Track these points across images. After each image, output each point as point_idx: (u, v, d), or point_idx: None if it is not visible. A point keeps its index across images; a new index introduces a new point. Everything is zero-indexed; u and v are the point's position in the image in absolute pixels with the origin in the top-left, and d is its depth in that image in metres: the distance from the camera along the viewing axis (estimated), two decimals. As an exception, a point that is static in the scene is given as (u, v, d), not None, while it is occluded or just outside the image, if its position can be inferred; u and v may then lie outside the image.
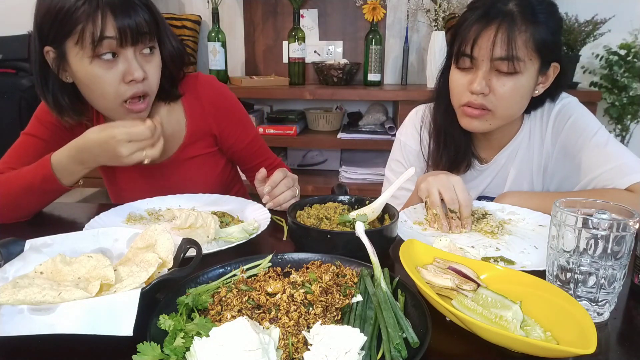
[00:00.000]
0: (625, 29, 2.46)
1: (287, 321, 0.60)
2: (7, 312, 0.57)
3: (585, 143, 1.13)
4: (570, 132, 1.16)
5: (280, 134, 2.65)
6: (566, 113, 1.18)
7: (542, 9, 1.05)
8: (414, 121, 1.33)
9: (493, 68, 1.06)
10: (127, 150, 0.99)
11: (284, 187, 1.08)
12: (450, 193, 0.99)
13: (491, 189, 1.28)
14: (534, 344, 0.57)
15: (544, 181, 1.23)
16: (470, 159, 1.25)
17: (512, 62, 1.03)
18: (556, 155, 1.20)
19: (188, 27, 2.80)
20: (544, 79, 1.12)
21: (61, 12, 0.96)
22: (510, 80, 1.06)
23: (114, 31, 0.97)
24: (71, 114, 1.11)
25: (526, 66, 1.05)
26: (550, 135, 1.20)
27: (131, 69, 1.02)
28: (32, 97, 2.75)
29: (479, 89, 1.07)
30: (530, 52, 1.04)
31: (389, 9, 2.77)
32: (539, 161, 1.22)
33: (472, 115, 1.12)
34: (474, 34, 1.05)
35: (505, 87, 1.07)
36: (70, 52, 1.00)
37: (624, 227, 0.64)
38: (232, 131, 1.29)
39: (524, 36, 1.03)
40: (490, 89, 1.08)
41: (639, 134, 2.55)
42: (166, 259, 0.71)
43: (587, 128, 1.15)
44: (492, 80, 1.07)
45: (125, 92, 1.04)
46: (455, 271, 0.74)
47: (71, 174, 1.06)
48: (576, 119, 1.16)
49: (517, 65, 1.04)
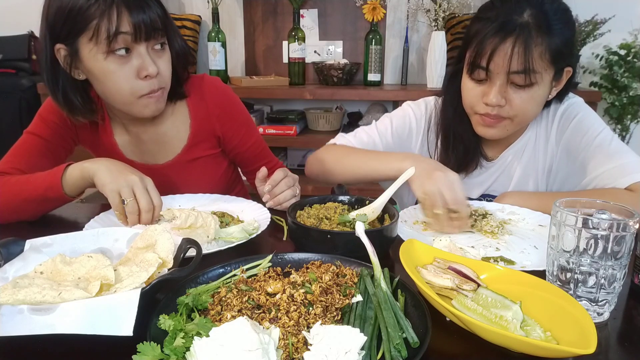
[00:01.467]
0: (625, 29, 2.46)
1: (287, 321, 0.60)
2: (7, 312, 0.57)
3: (589, 142, 1.13)
4: (574, 132, 1.16)
5: (280, 134, 2.65)
6: (571, 112, 1.18)
7: (558, 18, 1.04)
8: (427, 102, 1.31)
9: (509, 81, 1.05)
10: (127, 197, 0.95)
11: (284, 186, 1.08)
12: (452, 193, 0.96)
13: (496, 187, 1.27)
14: (534, 344, 0.57)
15: (547, 180, 1.23)
16: (479, 158, 1.25)
17: (529, 75, 1.03)
18: (560, 154, 1.20)
19: (188, 27, 2.81)
20: (557, 84, 1.12)
21: (74, 10, 0.97)
22: (526, 92, 1.06)
23: (129, 26, 0.98)
24: (83, 112, 1.11)
25: (542, 77, 1.05)
26: (555, 134, 1.20)
27: (145, 64, 1.03)
28: (32, 97, 2.75)
29: (494, 102, 1.06)
30: (546, 63, 1.03)
31: (389, 9, 2.77)
32: (544, 160, 1.22)
33: (489, 124, 1.12)
34: (490, 47, 1.03)
35: (522, 99, 1.06)
36: (84, 49, 1.00)
37: (624, 227, 0.64)
38: (235, 133, 1.29)
39: (540, 49, 1.02)
40: (507, 100, 1.07)
41: (639, 134, 2.55)
42: (166, 259, 0.71)
43: (591, 128, 1.15)
44: (508, 92, 1.07)
45: (142, 89, 1.05)
46: (455, 271, 0.74)
47: (77, 188, 1.06)
48: (581, 118, 1.17)
49: (533, 78, 1.03)
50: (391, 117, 1.31)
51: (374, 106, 2.82)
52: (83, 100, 1.10)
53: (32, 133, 1.19)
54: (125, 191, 0.95)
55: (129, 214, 0.95)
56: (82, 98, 1.10)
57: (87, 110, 1.12)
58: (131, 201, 0.94)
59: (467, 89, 1.13)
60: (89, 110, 1.13)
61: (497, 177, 1.27)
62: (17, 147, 1.19)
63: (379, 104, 2.84)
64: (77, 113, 1.11)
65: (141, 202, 0.95)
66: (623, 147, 1.13)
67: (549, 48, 1.02)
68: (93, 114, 1.15)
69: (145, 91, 1.05)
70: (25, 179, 1.07)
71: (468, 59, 1.09)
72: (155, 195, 0.97)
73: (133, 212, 0.95)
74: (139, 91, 1.05)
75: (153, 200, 0.97)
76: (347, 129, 2.66)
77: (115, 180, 0.96)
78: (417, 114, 1.30)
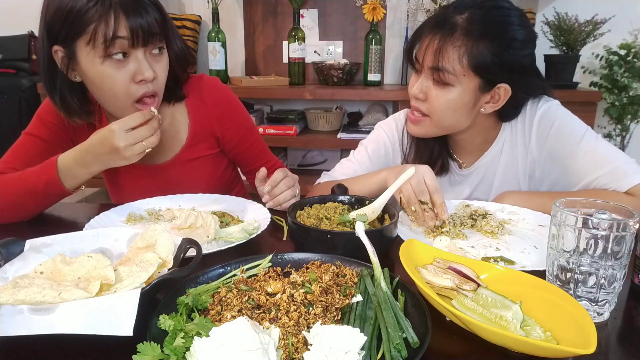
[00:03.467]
0: (625, 29, 2.46)
1: (287, 321, 0.60)
2: (7, 312, 0.57)
3: (574, 149, 1.11)
4: (556, 138, 1.14)
5: (280, 134, 2.65)
6: (549, 119, 1.15)
7: (491, 29, 1.03)
8: (396, 118, 1.35)
9: (431, 76, 1.09)
10: (124, 141, 0.97)
11: (284, 187, 1.08)
12: (419, 185, 0.97)
13: (477, 195, 1.27)
14: (534, 344, 0.57)
15: (530, 186, 1.22)
16: (445, 161, 1.27)
17: (441, 73, 1.05)
18: (544, 161, 1.18)
19: (188, 27, 2.81)
20: (491, 99, 1.11)
21: (72, 12, 0.96)
22: (441, 91, 1.08)
23: (126, 31, 0.98)
24: (80, 114, 1.12)
25: (459, 81, 1.06)
26: (535, 141, 1.17)
27: (142, 68, 1.02)
28: (32, 97, 2.75)
29: (414, 92, 1.12)
30: (465, 68, 1.04)
31: (389, 9, 2.77)
32: (524, 167, 1.21)
33: (411, 119, 1.17)
34: (416, 37, 1.10)
35: (438, 97, 1.09)
36: (81, 52, 1.00)
37: (624, 227, 0.64)
38: (234, 133, 1.29)
39: (459, 51, 1.03)
40: (426, 95, 1.11)
41: (639, 134, 2.55)
42: (166, 259, 0.71)
43: (572, 132, 1.13)
44: (428, 87, 1.10)
45: (136, 92, 1.05)
46: (455, 271, 0.74)
47: (74, 177, 1.05)
48: (560, 124, 1.14)
49: (445, 77, 1.05)
50: (365, 143, 1.35)
51: (374, 106, 2.82)
52: (80, 102, 1.10)
53: (30, 134, 1.19)
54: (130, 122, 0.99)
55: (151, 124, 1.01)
56: (79, 100, 1.10)
57: (84, 111, 1.12)
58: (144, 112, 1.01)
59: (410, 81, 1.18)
60: (86, 112, 1.13)
61: (477, 185, 1.27)
62: (15, 148, 1.19)
63: (379, 104, 2.84)
64: (74, 114, 1.11)
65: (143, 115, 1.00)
66: (609, 147, 1.11)
67: (470, 54, 1.03)
68: (90, 115, 1.15)
69: (139, 94, 1.05)
70: (18, 175, 1.07)
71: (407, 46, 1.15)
72: None
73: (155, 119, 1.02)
74: (133, 94, 1.04)
75: None
76: (347, 129, 2.67)
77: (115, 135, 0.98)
78: (388, 133, 1.33)
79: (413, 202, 0.97)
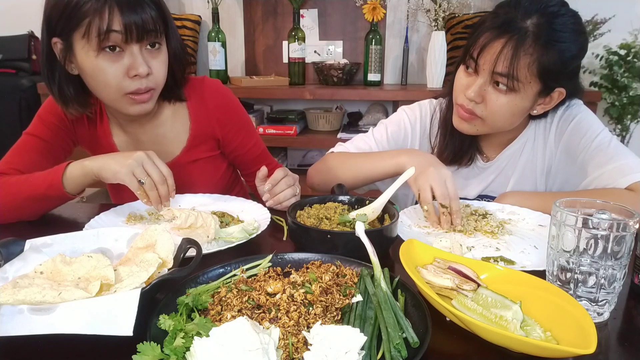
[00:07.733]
0: (625, 29, 2.46)
1: (287, 321, 0.60)
2: (7, 312, 0.57)
3: (588, 144, 1.13)
4: (573, 133, 1.16)
5: (280, 134, 2.65)
6: (570, 114, 1.18)
7: (562, 37, 1.01)
8: (421, 105, 1.34)
9: (492, 80, 1.06)
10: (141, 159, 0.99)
11: (284, 186, 1.08)
12: (442, 188, 0.98)
13: (494, 188, 1.28)
14: (534, 344, 0.57)
15: (547, 182, 1.24)
16: (474, 153, 1.26)
17: (511, 81, 1.03)
18: (559, 156, 1.20)
19: (188, 27, 2.81)
20: (544, 101, 1.11)
21: (70, 5, 0.98)
22: (504, 97, 1.06)
23: (120, 26, 0.98)
24: (76, 105, 1.12)
25: (524, 87, 1.04)
26: (554, 136, 1.20)
27: (136, 64, 1.03)
28: (32, 97, 2.75)
29: (471, 96, 1.08)
30: (532, 75, 1.03)
31: (389, 9, 2.78)
32: (543, 162, 1.22)
33: (462, 117, 1.14)
34: (483, 41, 1.04)
35: (498, 102, 1.07)
36: (77, 45, 1.01)
37: (624, 227, 0.64)
38: (235, 135, 1.30)
39: (529, 59, 1.01)
40: (484, 99, 1.08)
41: (639, 134, 2.55)
42: (166, 259, 0.71)
43: (590, 129, 1.15)
44: (487, 91, 1.08)
45: (129, 87, 1.05)
46: (455, 271, 0.74)
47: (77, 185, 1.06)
48: (580, 120, 1.17)
49: (514, 84, 1.03)
50: (386, 123, 1.34)
51: (373, 106, 2.82)
52: (76, 93, 1.11)
53: (31, 134, 1.19)
54: (138, 170, 0.98)
55: (149, 191, 0.99)
56: (76, 91, 1.11)
57: (80, 102, 1.12)
58: (147, 179, 0.99)
59: (457, 78, 1.15)
60: (82, 103, 1.13)
61: (495, 178, 1.27)
62: (16, 148, 1.19)
63: (379, 104, 2.84)
64: (70, 104, 1.11)
65: (153, 176, 0.99)
66: (622, 148, 1.13)
67: (538, 61, 1.01)
68: (86, 106, 1.14)
69: (131, 89, 1.05)
70: (25, 178, 1.07)
71: (465, 47, 1.11)
72: (161, 165, 1.02)
73: (151, 189, 0.99)
74: (126, 88, 1.05)
75: (162, 170, 1.01)
76: (347, 129, 2.66)
77: (124, 164, 0.99)
78: (411, 118, 1.32)
79: (428, 202, 0.98)
